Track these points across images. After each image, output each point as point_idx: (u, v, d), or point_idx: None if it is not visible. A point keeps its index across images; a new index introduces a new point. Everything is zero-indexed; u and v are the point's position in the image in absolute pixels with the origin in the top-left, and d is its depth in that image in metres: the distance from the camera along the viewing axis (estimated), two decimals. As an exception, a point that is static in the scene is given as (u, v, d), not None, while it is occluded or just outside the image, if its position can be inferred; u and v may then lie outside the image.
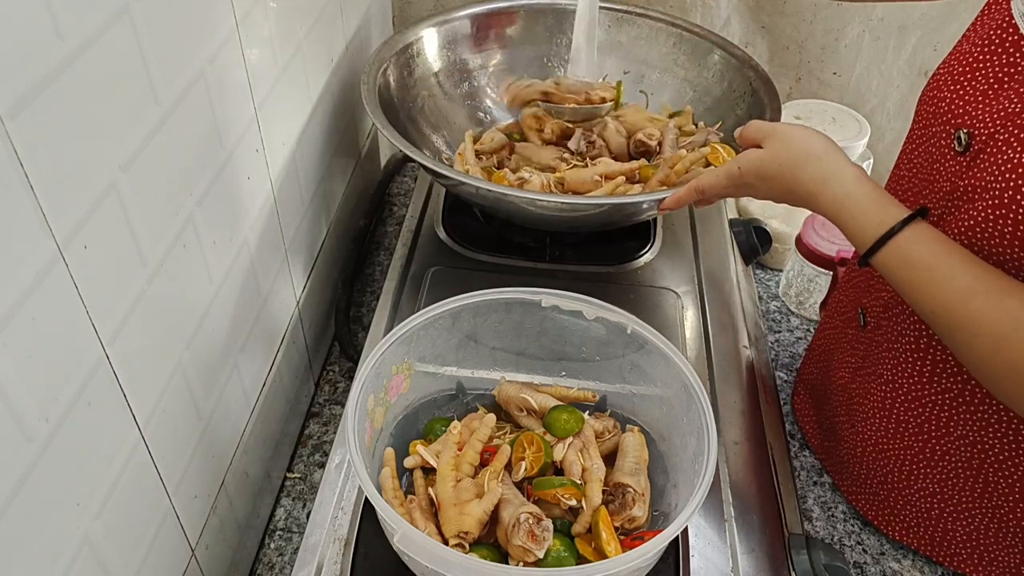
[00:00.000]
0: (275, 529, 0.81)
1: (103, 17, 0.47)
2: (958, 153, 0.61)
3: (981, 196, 0.57)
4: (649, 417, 0.73)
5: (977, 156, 0.59)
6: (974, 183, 0.58)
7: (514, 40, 1.11)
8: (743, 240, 1.01)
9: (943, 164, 0.63)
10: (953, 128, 0.62)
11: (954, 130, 0.61)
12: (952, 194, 0.61)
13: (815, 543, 0.69)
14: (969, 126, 0.60)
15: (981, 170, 0.58)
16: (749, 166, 0.68)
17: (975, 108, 0.60)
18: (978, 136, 0.59)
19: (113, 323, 0.51)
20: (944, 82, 0.64)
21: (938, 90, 0.64)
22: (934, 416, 0.69)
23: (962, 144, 0.60)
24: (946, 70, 0.64)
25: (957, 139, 0.61)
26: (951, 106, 0.62)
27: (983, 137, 0.58)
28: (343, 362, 0.98)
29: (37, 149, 0.42)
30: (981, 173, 0.57)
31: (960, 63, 0.63)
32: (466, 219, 0.99)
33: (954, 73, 0.63)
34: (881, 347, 0.73)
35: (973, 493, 0.69)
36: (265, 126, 0.75)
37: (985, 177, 0.57)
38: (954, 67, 0.63)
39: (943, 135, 0.63)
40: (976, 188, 0.58)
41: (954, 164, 0.61)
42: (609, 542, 0.61)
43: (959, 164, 0.61)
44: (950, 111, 0.62)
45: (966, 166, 0.60)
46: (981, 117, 0.59)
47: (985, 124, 0.58)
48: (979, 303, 0.56)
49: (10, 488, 0.43)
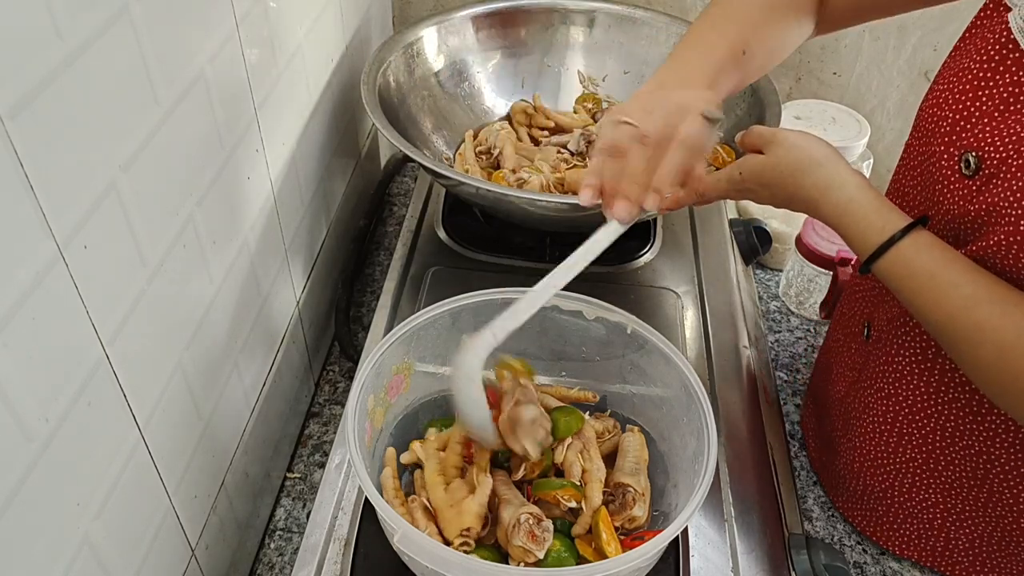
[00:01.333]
0: (275, 529, 0.81)
1: (103, 17, 0.47)
2: (966, 176, 0.60)
3: (997, 222, 0.56)
4: (649, 417, 0.72)
5: (989, 181, 0.57)
6: (987, 208, 0.57)
7: (514, 40, 1.11)
8: (743, 240, 1.01)
9: (948, 186, 0.62)
10: (958, 150, 0.60)
11: (959, 152, 0.60)
12: (962, 218, 0.60)
13: (815, 543, 0.69)
14: (977, 149, 0.59)
15: (994, 196, 0.56)
16: (750, 172, 0.68)
17: (982, 131, 0.59)
18: (988, 160, 0.58)
19: (113, 323, 0.51)
20: (945, 100, 0.63)
21: (939, 108, 0.63)
22: (939, 427, 0.68)
23: (970, 168, 0.59)
24: (946, 87, 0.63)
25: (964, 162, 0.60)
26: (954, 127, 0.61)
27: (994, 161, 0.57)
28: (343, 362, 0.98)
29: (37, 149, 0.42)
30: (994, 199, 0.56)
31: (961, 81, 0.61)
32: (466, 219, 0.99)
33: (955, 91, 0.62)
34: (881, 360, 0.72)
35: (977, 503, 0.69)
36: (265, 126, 0.75)
37: (999, 203, 0.56)
38: (954, 85, 0.62)
39: (946, 156, 0.62)
40: (990, 214, 0.57)
41: (961, 187, 0.60)
42: (609, 542, 0.61)
43: (968, 188, 0.60)
44: (954, 132, 0.61)
45: (976, 190, 0.59)
46: (991, 140, 0.58)
47: (996, 148, 0.57)
48: (984, 312, 0.55)
49: (10, 488, 0.43)
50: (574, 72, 1.11)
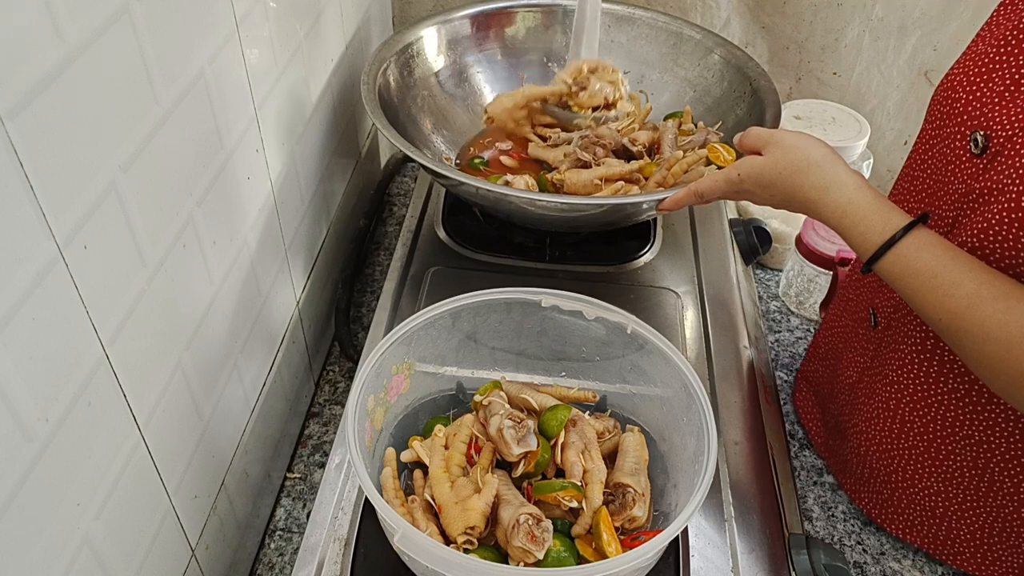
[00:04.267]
0: (275, 529, 0.81)
1: (103, 17, 0.47)
2: (974, 155, 0.60)
3: (996, 199, 0.57)
4: (649, 417, 0.72)
5: (994, 158, 0.58)
6: (990, 185, 0.58)
7: (514, 40, 1.11)
8: (743, 240, 1.01)
9: (958, 166, 0.62)
10: (969, 130, 0.61)
11: (970, 132, 0.61)
12: (967, 196, 0.61)
13: (815, 543, 0.69)
14: (986, 128, 0.59)
15: (998, 172, 0.57)
16: (749, 173, 0.69)
17: (992, 110, 0.59)
18: (995, 138, 0.58)
19: (113, 323, 0.51)
20: (959, 82, 0.63)
21: (952, 91, 0.64)
22: (940, 416, 0.69)
23: (979, 146, 0.60)
24: (961, 70, 0.64)
25: (973, 141, 0.60)
26: (967, 107, 0.62)
27: (1000, 139, 0.58)
28: (343, 362, 0.98)
29: (37, 149, 0.42)
30: (997, 175, 0.57)
31: (975, 64, 0.62)
32: (466, 219, 0.99)
33: (969, 74, 0.62)
34: (889, 347, 0.73)
35: (978, 492, 0.69)
36: (265, 126, 0.74)
37: (1001, 180, 0.56)
38: (969, 68, 0.63)
39: (958, 136, 0.62)
40: (992, 191, 0.57)
41: (970, 166, 0.61)
42: (610, 543, 0.61)
43: (975, 166, 0.60)
44: (965, 112, 0.62)
45: (983, 168, 0.59)
46: (998, 119, 0.58)
47: (1003, 126, 0.58)
48: (987, 309, 0.55)
49: (10, 488, 0.43)
50: (574, 72, 1.11)
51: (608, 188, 0.89)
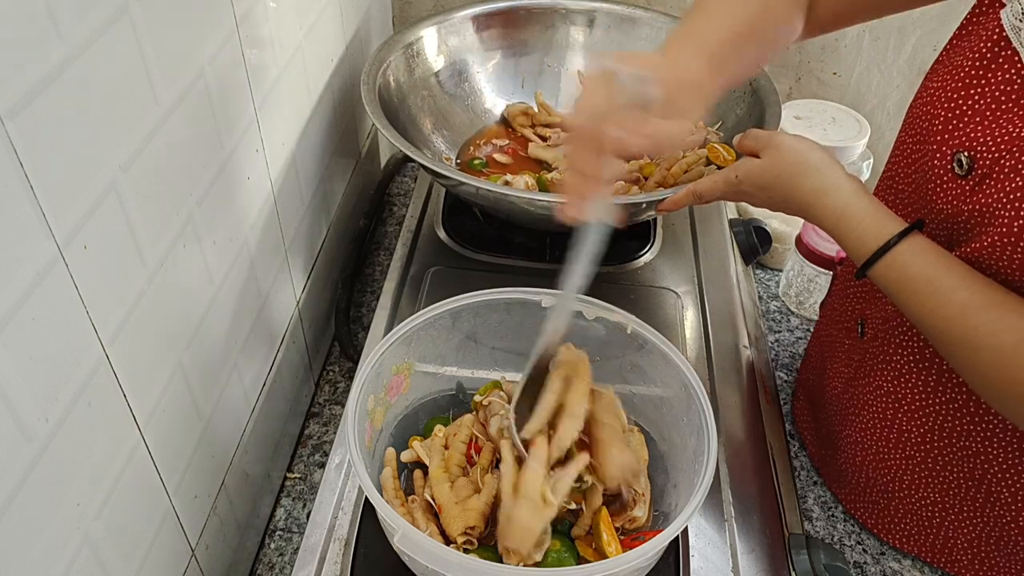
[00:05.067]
0: (275, 529, 0.81)
1: (103, 17, 0.47)
2: (959, 176, 0.59)
3: (990, 223, 0.56)
4: (649, 417, 0.72)
5: (982, 181, 0.57)
6: (980, 209, 0.57)
7: (514, 40, 1.11)
8: (743, 240, 1.01)
9: (940, 185, 0.61)
10: (950, 149, 0.60)
11: (951, 151, 0.60)
12: (955, 218, 0.60)
13: (815, 543, 0.69)
14: (970, 148, 0.58)
15: (987, 196, 0.56)
16: (747, 174, 0.69)
17: (974, 130, 0.58)
18: (981, 160, 0.57)
19: (113, 323, 0.51)
20: (937, 98, 0.62)
21: (931, 106, 0.63)
22: (937, 427, 0.68)
23: (963, 167, 0.59)
24: (939, 84, 0.62)
25: (957, 162, 0.59)
26: (946, 125, 0.61)
27: (987, 162, 0.57)
28: (343, 362, 0.98)
29: (37, 149, 0.42)
30: (987, 199, 0.56)
31: (953, 79, 0.61)
32: (466, 219, 0.98)
33: (947, 89, 0.61)
34: (878, 358, 0.72)
35: (975, 503, 0.69)
36: (265, 126, 0.74)
37: (992, 204, 0.56)
38: (947, 82, 0.61)
39: (938, 155, 0.61)
40: (983, 214, 0.57)
41: (954, 187, 0.60)
42: (610, 543, 0.61)
43: (960, 188, 0.59)
44: (946, 131, 0.61)
45: (969, 190, 0.58)
46: (983, 140, 0.57)
47: (988, 148, 0.57)
48: (980, 318, 0.55)
49: (10, 488, 0.43)
50: (574, 72, 1.11)
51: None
